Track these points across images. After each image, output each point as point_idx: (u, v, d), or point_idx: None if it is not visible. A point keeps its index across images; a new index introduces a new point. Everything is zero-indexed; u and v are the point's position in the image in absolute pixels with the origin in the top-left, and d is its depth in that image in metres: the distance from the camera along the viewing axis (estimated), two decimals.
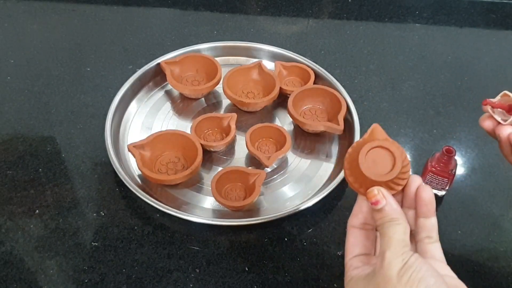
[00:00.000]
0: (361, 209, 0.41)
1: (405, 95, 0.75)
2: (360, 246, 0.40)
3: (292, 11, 0.90)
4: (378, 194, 0.38)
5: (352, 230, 0.40)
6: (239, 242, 0.56)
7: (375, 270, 0.35)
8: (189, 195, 0.61)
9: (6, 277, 0.52)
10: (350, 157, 0.40)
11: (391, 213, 0.37)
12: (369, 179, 0.38)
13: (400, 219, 0.37)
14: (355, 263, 0.39)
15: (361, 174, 0.38)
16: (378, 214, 0.38)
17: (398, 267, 0.34)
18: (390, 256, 0.35)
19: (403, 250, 0.35)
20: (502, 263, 0.55)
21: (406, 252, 0.35)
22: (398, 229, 0.36)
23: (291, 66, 0.74)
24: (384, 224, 0.37)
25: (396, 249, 0.35)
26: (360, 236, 0.40)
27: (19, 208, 0.58)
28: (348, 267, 0.39)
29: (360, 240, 0.40)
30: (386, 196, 0.38)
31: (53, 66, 0.77)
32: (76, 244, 0.55)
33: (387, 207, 0.37)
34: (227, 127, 0.65)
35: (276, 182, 0.63)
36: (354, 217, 0.41)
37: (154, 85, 0.74)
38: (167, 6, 0.90)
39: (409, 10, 0.91)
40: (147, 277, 0.53)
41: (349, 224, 0.41)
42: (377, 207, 0.38)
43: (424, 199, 0.38)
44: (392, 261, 0.34)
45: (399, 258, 0.34)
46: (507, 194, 0.61)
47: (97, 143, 0.65)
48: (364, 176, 0.38)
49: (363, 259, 0.39)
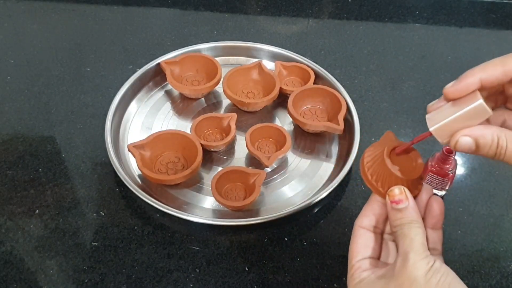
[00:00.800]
0: (374, 210, 0.40)
1: (405, 95, 0.75)
2: (370, 248, 0.39)
3: (292, 11, 0.90)
4: (401, 193, 0.37)
5: (362, 231, 0.39)
6: (239, 242, 0.56)
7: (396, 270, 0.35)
8: (189, 195, 0.61)
9: (6, 277, 0.52)
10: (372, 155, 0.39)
11: (412, 215, 0.36)
12: (395, 177, 0.37)
13: (419, 222, 0.36)
14: (364, 265, 0.38)
15: (385, 172, 0.38)
16: (398, 214, 0.37)
17: (425, 269, 0.33)
18: (415, 257, 0.34)
19: (426, 253, 0.35)
20: (502, 263, 0.55)
21: (429, 256, 0.34)
22: (419, 231, 0.36)
23: (291, 66, 0.74)
24: (404, 225, 0.36)
25: (419, 251, 0.34)
26: (370, 238, 0.39)
27: (19, 208, 0.58)
28: (356, 268, 0.38)
29: (370, 242, 0.39)
30: (409, 196, 0.37)
31: (53, 66, 0.77)
32: (76, 244, 0.55)
33: (409, 207, 0.37)
34: (227, 127, 0.65)
35: (276, 182, 0.63)
36: (364, 217, 0.40)
37: (154, 85, 0.74)
38: (167, 6, 0.90)
39: (409, 10, 0.91)
40: (147, 277, 0.53)
41: (358, 224, 0.40)
42: (399, 206, 0.37)
43: (435, 210, 0.38)
44: (417, 262, 0.34)
45: (424, 260, 0.34)
46: (507, 194, 0.61)
47: (97, 143, 0.65)
48: (389, 175, 0.37)
49: (372, 262, 0.38)
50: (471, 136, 0.33)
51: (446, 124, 0.34)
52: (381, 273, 0.36)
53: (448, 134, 0.35)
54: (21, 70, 0.77)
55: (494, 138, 0.33)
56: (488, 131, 0.33)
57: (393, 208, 0.37)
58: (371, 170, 0.39)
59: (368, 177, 0.39)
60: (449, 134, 0.35)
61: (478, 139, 0.33)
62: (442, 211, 0.38)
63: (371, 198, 0.40)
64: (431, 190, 0.39)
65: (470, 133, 0.33)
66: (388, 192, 0.38)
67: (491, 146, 0.33)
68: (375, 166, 0.39)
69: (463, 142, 0.34)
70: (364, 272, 0.37)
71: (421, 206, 0.39)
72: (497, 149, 0.33)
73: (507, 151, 0.33)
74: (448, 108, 0.35)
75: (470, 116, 0.33)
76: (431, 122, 0.35)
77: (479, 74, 0.34)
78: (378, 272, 0.37)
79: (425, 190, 0.39)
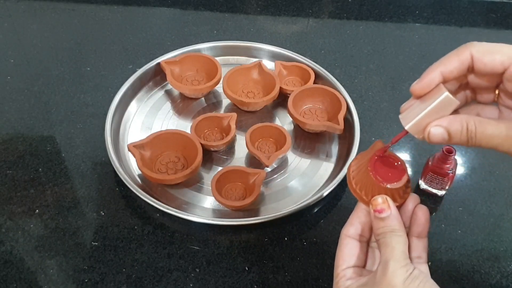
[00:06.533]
0: (359, 219, 0.40)
1: (405, 95, 0.75)
2: (355, 257, 0.40)
3: (292, 11, 0.90)
4: (383, 202, 0.38)
5: (348, 240, 0.40)
6: (239, 242, 0.56)
7: (376, 278, 0.35)
8: (189, 194, 0.61)
9: (6, 276, 0.52)
10: (357, 164, 0.40)
11: (394, 224, 0.37)
12: (378, 186, 0.38)
13: (401, 231, 0.37)
14: (348, 273, 0.39)
15: (368, 181, 0.38)
16: (380, 223, 0.38)
17: (403, 277, 0.34)
18: (394, 265, 0.35)
19: (406, 261, 0.35)
20: (502, 263, 0.55)
21: (408, 264, 0.35)
22: (400, 240, 0.36)
23: (291, 66, 0.74)
24: (386, 233, 0.37)
25: (399, 259, 0.35)
26: (356, 247, 0.40)
27: (19, 208, 0.58)
28: (341, 277, 0.39)
29: (355, 251, 0.40)
30: (391, 205, 0.38)
31: (53, 66, 0.77)
32: (76, 243, 0.55)
33: (391, 216, 0.37)
34: (227, 126, 0.65)
35: (276, 181, 0.63)
36: (350, 226, 0.40)
37: (154, 85, 0.74)
38: (167, 6, 0.90)
39: (409, 10, 0.91)
40: (147, 277, 0.53)
41: (344, 233, 0.40)
42: (381, 215, 0.37)
43: (420, 218, 0.39)
44: (396, 270, 0.35)
45: (403, 269, 0.35)
46: (507, 194, 0.61)
47: (97, 142, 0.65)
48: (372, 184, 0.38)
49: (356, 270, 0.39)
50: (441, 125, 0.35)
51: (419, 120, 0.36)
52: (363, 281, 0.37)
53: (423, 130, 0.36)
54: (21, 70, 0.77)
55: (463, 123, 0.34)
56: (457, 118, 0.35)
57: (376, 216, 0.38)
58: (356, 179, 0.40)
59: (353, 186, 0.40)
60: (423, 129, 0.36)
61: (449, 127, 0.34)
62: (428, 220, 0.39)
63: (357, 207, 0.41)
64: (417, 199, 0.40)
65: (440, 123, 0.35)
66: (371, 201, 0.38)
67: (461, 132, 0.34)
68: (360, 175, 0.39)
69: (435, 132, 0.35)
70: (348, 281, 0.38)
71: (407, 215, 0.40)
72: (468, 134, 0.34)
73: (477, 133, 0.34)
74: (419, 105, 0.36)
75: (439, 108, 0.35)
76: (405, 121, 0.37)
77: (439, 68, 0.35)
78: (361, 280, 0.37)
79: (411, 199, 0.40)
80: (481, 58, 0.35)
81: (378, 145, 0.41)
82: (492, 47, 0.35)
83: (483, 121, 0.34)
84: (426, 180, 0.59)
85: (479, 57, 0.35)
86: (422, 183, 0.61)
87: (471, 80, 0.38)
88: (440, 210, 0.60)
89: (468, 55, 0.35)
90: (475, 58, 0.35)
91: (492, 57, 0.35)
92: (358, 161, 0.40)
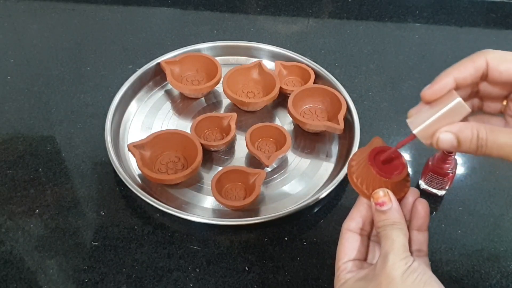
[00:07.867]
0: (360, 213, 0.40)
1: (405, 95, 0.75)
2: (356, 251, 0.40)
3: (292, 11, 0.90)
4: (385, 195, 0.38)
5: (349, 233, 0.40)
6: (239, 242, 0.56)
7: (376, 271, 0.36)
8: (189, 194, 0.61)
9: (6, 276, 0.52)
10: (358, 159, 0.40)
11: (395, 216, 0.37)
12: (378, 179, 0.38)
13: (402, 223, 0.37)
14: (349, 267, 0.39)
15: (369, 175, 0.38)
16: (381, 216, 0.38)
17: (402, 269, 0.34)
18: (394, 258, 0.35)
19: (405, 254, 0.36)
20: (502, 262, 0.55)
21: (408, 257, 0.35)
22: (401, 233, 0.37)
23: (291, 66, 0.73)
24: (387, 226, 0.37)
25: (399, 251, 0.35)
26: (356, 240, 0.40)
27: (19, 208, 0.58)
28: (342, 270, 0.39)
29: (356, 245, 0.40)
30: (392, 198, 0.38)
31: (53, 66, 0.77)
32: (76, 243, 0.55)
33: (392, 209, 0.38)
34: (227, 126, 0.65)
35: (276, 181, 0.63)
36: (351, 220, 0.41)
37: (154, 85, 0.74)
38: (167, 6, 0.90)
39: (409, 10, 0.91)
40: (147, 277, 0.53)
41: (345, 227, 0.41)
42: (383, 208, 0.38)
43: (420, 212, 0.39)
44: (395, 262, 0.35)
45: (402, 261, 0.35)
46: (507, 194, 0.61)
47: (97, 142, 0.65)
48: (373, 177, 0.38)
49: (357, 264, 0.39)
50: (451, 132, 0.34)
51: (428, 125, 0.35)
52: (363, 274, 0.37)
53: (431, 135, 0.35)
54: (21, 70, 0.77)
55: (474, 131, 0.33)
56: (467, 125, 0.34)
57: (377, 210, 0.38)
58: (356, 173, 0.40)
59: (354, 180, 0.40)
60: (432, 135, 0.35)
61: (459, 134, 0.34)
62: (427, 213, 0.39)
63: (358, 201, 0.41)
64: (417, 192, 0.40)
65: (450, 129, 0.34)
66: (372, 194, 0.39)
67: (471, 140, 0.34)
68: (360, 170, 0.39)
69: (444, 138, 0.34)
70: (349, 274, 0.38)
71: (407, 208, 0.40)
72: (478, 142, 0.33)
73: (488, 142, 0.33)
74: (428, 110, 0.36)
75: (450, 114, 0.34)
76: (414, 125, 0.36)
77: (453, 74, 0.35)
78: (361, 273, 0.38)
79: (411, 192, 0.40)
80: (497, 66, 0.34)
81: (377, 141, 0.41)
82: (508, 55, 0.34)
83: (494, 129, 0.33)
84: (426, 180, 0.59)
85: (495, 65, 0.34)
86: (422, 183, 0.61)
87: (483, 88, 0.37)
88: (440, 210, 0.60)
89: (484, 62, 0.35)
90: (490, 66, 0.34)
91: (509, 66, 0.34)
92: (358, 156, 0.40)
